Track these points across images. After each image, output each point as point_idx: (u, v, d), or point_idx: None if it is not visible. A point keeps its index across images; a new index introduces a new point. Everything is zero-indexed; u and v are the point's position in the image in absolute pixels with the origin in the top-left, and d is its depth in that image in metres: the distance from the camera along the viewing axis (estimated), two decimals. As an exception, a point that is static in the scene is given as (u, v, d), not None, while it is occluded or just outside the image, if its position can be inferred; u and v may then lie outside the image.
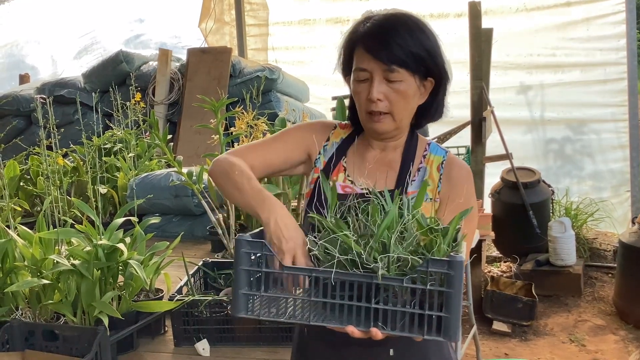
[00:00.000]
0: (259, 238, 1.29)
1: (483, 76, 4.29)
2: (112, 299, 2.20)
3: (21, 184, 3.83)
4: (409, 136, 1.52)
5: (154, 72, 5.64)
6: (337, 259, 1.18)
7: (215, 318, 2.26)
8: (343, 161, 1.52)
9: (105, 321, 2.03)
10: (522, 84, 5.47)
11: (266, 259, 1.26)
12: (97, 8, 7.31)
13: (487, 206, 4.62)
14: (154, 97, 5.56)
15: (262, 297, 1.26)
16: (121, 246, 2.19)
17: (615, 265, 4.42)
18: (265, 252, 1.26)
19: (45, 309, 2.25)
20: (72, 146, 4.13)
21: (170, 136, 3.86)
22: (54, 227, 2.46)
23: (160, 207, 3.72)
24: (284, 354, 2.17)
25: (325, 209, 1.31)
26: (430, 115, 1.50)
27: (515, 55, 5.43)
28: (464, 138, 4.40)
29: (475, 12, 4.15)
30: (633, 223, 4.26)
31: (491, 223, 4.16)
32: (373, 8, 1.49)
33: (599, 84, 5.21)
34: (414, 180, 1.48)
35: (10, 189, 3.35)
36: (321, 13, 6.15)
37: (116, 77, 5.56)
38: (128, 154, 4.12)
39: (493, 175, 4.78)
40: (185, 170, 3.00)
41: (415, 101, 1.44)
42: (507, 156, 4.51)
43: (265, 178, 2.84)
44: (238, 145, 2.25)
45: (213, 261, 2.66)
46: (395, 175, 1.48)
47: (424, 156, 1.51)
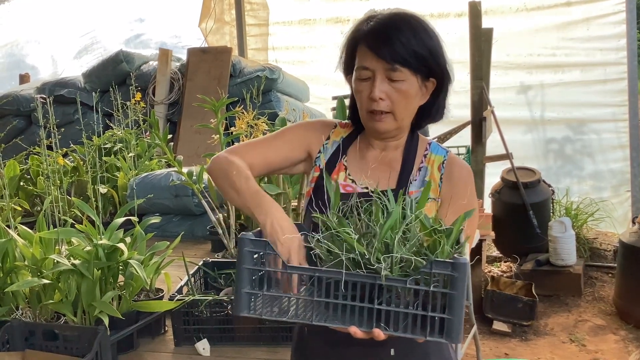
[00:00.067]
0: (262, 237, 1.29)
1: (483, 76, 4.29)
2: (113, 299, 2.20)
3: (21, 184, 3.83)
4: (410, 136, 1.52)
5: (154, 72, 5.63)
6: (339, 259, 1.17)
7: (215, 318, 2.26)
8: (343, 160, 1.51)
9: (105, 321, 2.03)
10: (522, 84, 5.47)
11: (268, 258, 1.26)
12: (97, 8, 7.30)
13: (487, 206, 4.62)
14: (154, 97, 5.55)
15: (265, 297, 1.25)
16: (121, 246, 2.19)
17: (615, 265, 4.42)
18: (268, 251, 1.25)
19: (45, 309, 2.25)
20: (72, 146, 4.13)
21: (170, 136, 3.85)
22: (54, 227, 2.45)
23: (160, 207, 3.71)
24: (284, 354, 2.17)
25: (326, 208, 1.30)
26: (431, 116, 1.50)
27: (515, 55, 5.43)
28: (464, 138, 4.40)
29: (475, 12, 4.15)
30: (633, 223, 4.26)
31: (491, 223, 4.17)
32: (373, 7, 1.49)
33: (599, 84, 5.21)
34: (415, 180, 1.47)
35: (10, 189, 3.34)
36: (321, 13, 6.15)
37: (116, 77, 5.55)
38: (128, 154, 4.11)
39: (493, 175, 4.78)
40: (185, 170, 3.00)
41: (416, 101, 1.44)
42: (508, 156, 4.51)
43: (265, 176, 2.84)
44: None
45: (213, 261, 2.65)
46: (396, 175, 1.47)
47: (425, 156, 1.51)
